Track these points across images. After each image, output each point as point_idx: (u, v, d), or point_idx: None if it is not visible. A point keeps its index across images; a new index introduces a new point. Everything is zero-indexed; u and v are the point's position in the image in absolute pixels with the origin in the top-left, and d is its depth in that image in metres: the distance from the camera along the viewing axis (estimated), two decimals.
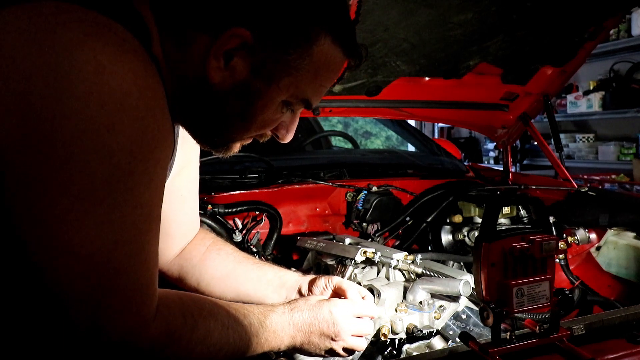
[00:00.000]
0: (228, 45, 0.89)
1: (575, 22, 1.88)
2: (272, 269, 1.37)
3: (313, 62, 0.93)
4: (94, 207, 0.75)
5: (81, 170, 0.74)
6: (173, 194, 1.20)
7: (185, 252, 1.34)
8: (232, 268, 1.34)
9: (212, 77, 0.91)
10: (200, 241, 1.37)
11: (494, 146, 6.55)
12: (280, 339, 1.07)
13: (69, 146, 0.73)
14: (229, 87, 0.92)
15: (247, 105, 0.95)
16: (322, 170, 2.26)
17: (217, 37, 0.88)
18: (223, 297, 1.31)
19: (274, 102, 0.96)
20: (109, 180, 0.76)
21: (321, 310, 1.13)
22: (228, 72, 0.91)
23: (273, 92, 0.94)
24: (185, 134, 1.06)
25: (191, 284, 1.34)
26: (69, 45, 0.74)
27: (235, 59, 0.90)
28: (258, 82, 0.92)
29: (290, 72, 0.93)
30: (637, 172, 4.91)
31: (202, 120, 0.99)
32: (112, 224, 0.77)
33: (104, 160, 0.75)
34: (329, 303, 1.16)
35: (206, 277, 1.33)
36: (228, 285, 1.33)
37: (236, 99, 0.94)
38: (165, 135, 0.84)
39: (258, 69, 0.91)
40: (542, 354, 1.02)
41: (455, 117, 2.48)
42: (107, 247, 0.76)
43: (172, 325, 0.86)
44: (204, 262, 1.34)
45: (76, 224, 0.74)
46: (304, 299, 1.18)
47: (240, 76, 0.92)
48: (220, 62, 0.90)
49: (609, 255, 1.95)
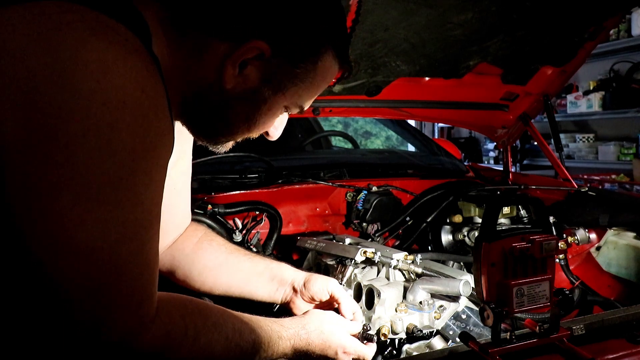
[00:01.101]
0: (246, 55, 0.94)
1: (575, 22, 1.88)
2: (263, 261, 1.38)
3: (316, 74, 1.02)
4: (97, 204, 0.75)
5: (84, 168, 0.74)
6: (167, 186, 1.20)
7: (177, 244, 1.34)
8: (223, 259, 1.35)
9: (226, 83, 0.96)
10: (192, 233, 1.37)
11: (494, 146, 6.55)
12: (277, 356, 1.08)
13: (72, 144, 0.74)
14: (240, 92, 0.98)
15: (253, 109, 1.01)
16: (322, 170, 2.25)
17: (237, 47, 0.93)
18: (214, 288, 1.33)
19: (278, 107, 1.04)
20: (112, 178, 0.76)
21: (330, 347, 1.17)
22: (241, 78, 0.96)
23: (279, 99, 1.02)
24: (179, 126, 1.08)
25: (182, 275, 1.34)
26: (74, 44, 0.75)
27: (249, 67, 0.96)
28: (267, 90, 0.99)
29: (295, 83, 1.00)
30: (637, 172, 4.91)
31: (208, 120, 1.03)
32: (114, 222, 0.77)
33: (107, 158, 0.75)
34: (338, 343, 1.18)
35: (198, 267, 1.33)
36: (219, 277, 1.34)
37: (245, 103, 1.00)
38: (166, 134, 0.85)
39: (269, 78, 0.98)
40: (542, 354, 1.02)
41: (455, 117, 2.48)
42: (109, 245, 0.77)
43: (172, 333, 0.86)
44: (196, 253, 1.34)
45: (78, 221, 0.74)
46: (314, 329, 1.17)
47: (252, 84, 0.98)
48: (236, 69, 0.95)
49: (609, 255, 1.95)
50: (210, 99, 0.99)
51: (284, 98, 1.02)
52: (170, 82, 0.91)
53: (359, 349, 1.21)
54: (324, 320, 1.20)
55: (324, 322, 1.19)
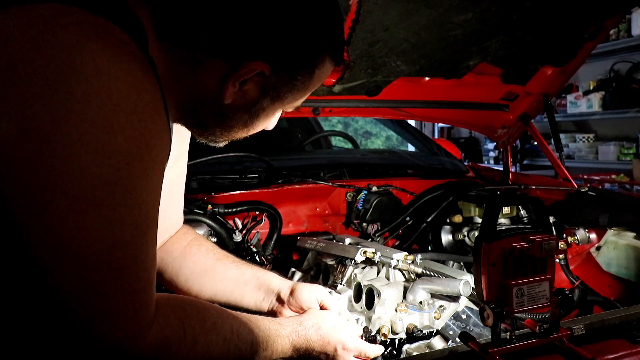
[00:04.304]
0: (247, 75, 0.94)
1: (575, 22, 1.88)
2: (250, 270, 1.36)
3: (313, 79, 1.02)
4: (94, 208, 0.75)
5: (80, 171, 0.74)
6: (163, 188, 1.20)
7: (166, 246, 1.33)
8: (210, 265, 1.34)
9: (225, 99, 0.96)
10: (182, 236, 1.36)
11: (494, 146, 6.55)
12: (277, 356, 1.08)
13: (68, 147, 0.73)
14: (239, 105, 0.99)
15: (252, 117, 1.03)
16: (322, 170, 2.26)
17: (236, 68, 0.92)
18: (200, 293, 1.32)
19: (275, 111, 1.06)
20: (108, 181, 0.76)
21: (329, 344, 1.16)
22: (240, 93, 0.97)
23: (277, 106, 1.03)
24: (177, 127, 1.08)
25: (169, 278, 1.33)
26: (68, 47, 0.75)
27: (249, 84, 0.96)
28: (266, 100, 1.00)
29: (293, 90, 1.01)
30: (637, 172, 4.91)
31: (206, 125, 1.04)
32: (112, 225, 0.77)
33: (103, 161, 0.75)
34: (337, 339, 1.17)
35: (185, 272, 1.32)
36: (205, 282, 1.33)
37: (243, 113, 1.01)
38: (163, 136, 0.85)
39: (268, 90, 0.99)
40: (542, 354, 1.02)
41: (455, 117, 2.48)
42: (107, 248, 0.76)
43: (170, 337, 0.86)
44: (184, 257, 1.33)
45: (75, 225, 0.74)
46: (312, 325, 1.16)
47: (251, 98, 0.99)
48: (236, 87, 0.95)
49: (609, 255, 1.95)
50: (209, 109, 0.99)
51: (282, 104, 1.03)
52: (166, 86, 0.91)
53: (360, 345, 1.20)
54: (322, 317, 1.19)
55: (322, 319, 1.18)
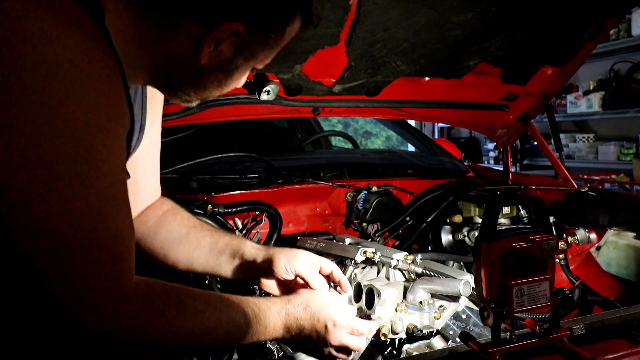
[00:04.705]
0: (222, 35, 0.94)
1: (575, 22, 1.88)
2: (225, 237, 1.35)
3: (284, 37, 1.03)
4: (55, 180, 0.74)
5: (36, 143, 0.72)
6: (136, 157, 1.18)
7: (142, 215, 1.31)
8: (185, 233, 1.32)
9: (200, 60, 0.96)
10: (158, 205, 1.34)
11: (494, 146, 6.55)
12: (270, 336, 1.08)
13: (19, 120, 0.71)
14: (214, 65, 0.99)
15: (226, 76, 1.03)
16: (322, 170, 2.25)
17: (211, 28, 0.93)
18: (177, 262, 1.31)
19: (248, 69, 1.06)
20: (67, 152, 0.74)
21: (319, 321, 1.13)
22: (215, 53, 0.97)
23: (250, 64, 1.04)
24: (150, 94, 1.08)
25: (145, 248, 1.31)
26: (15, 15, 0.73)
27: (224, 43, 0.96)
28: (240, 60, 1.01)
29: (265, 48, 1.02)
30: (637, 172, 4.91)
31: (180, 86, 1.04)
32: (76, 196, 0.75)
33: (60, 131, 0.74)
34: (327, 316, 1.14)
35: (160, 240, 1.31)
36: (180, 251, 1.31)
37: (218, 73, 1.01)
38: (120, 103, 0.84)
39: (242, 49, 0.99)
40: (542, 354, 1.02)
41: (455, 117, 2.48)
42: (74, 220, 0.75)
43: (156, 301, 0.85)
44: (159, 225, 1.32)
45: (38, 198, 0.73)
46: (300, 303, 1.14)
47: (226, 57, 0.99)
48: (211, 47, 0.95)
49: (609, 255, 1.95)
50: (183, 71, 0.99)
51: (255, 62, 1.04)
52: (131, 52, 0.91)
53: (352, 322, 1.17)
54: (311, 296, 1.17)
55: (311, 298, 1.16)
